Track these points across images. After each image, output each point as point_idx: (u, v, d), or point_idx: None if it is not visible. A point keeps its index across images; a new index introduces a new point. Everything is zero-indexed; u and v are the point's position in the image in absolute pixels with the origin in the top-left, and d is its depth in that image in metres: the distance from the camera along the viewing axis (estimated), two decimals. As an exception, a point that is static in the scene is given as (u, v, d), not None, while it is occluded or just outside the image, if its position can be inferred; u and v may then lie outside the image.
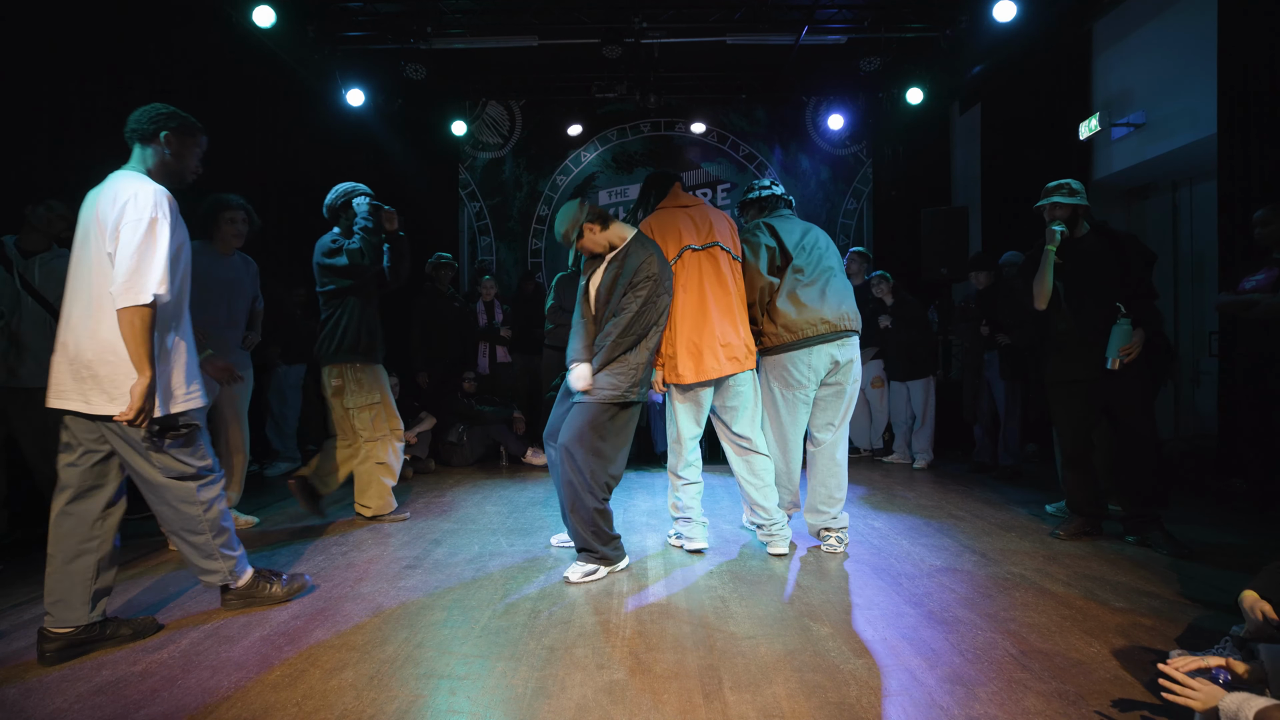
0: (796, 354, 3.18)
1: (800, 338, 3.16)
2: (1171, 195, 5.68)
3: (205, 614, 2.52)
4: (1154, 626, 2.33)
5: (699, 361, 3.01)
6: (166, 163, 2.36)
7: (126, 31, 4.38)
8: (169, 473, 2.29)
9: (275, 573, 2.68)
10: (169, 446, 2.26)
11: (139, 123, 2.32)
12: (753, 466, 3.19)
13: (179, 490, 2.32)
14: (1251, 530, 3.56)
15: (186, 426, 2.31)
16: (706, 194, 8.07)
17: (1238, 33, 4.23)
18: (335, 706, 1.86)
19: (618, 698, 1.89)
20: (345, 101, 6.61)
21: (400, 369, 5.67)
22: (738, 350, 3.08)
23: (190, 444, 2.33)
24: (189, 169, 2.44)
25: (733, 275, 3.16)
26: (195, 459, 2.34)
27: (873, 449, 5.95)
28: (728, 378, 3.10)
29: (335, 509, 4.17)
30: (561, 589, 2.76)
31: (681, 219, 3.14)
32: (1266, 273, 3.54)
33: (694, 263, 3.08)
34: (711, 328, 3.03)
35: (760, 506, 3.19)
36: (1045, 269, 3.32)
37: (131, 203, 2.14)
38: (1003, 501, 4.23)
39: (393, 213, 3.67)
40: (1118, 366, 3.15)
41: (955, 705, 1.84)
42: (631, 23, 6.09)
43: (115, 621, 2.32)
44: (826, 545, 3.25)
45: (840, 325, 3.19)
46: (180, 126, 2.36)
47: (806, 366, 3.19)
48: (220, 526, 2.43)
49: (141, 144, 2.34)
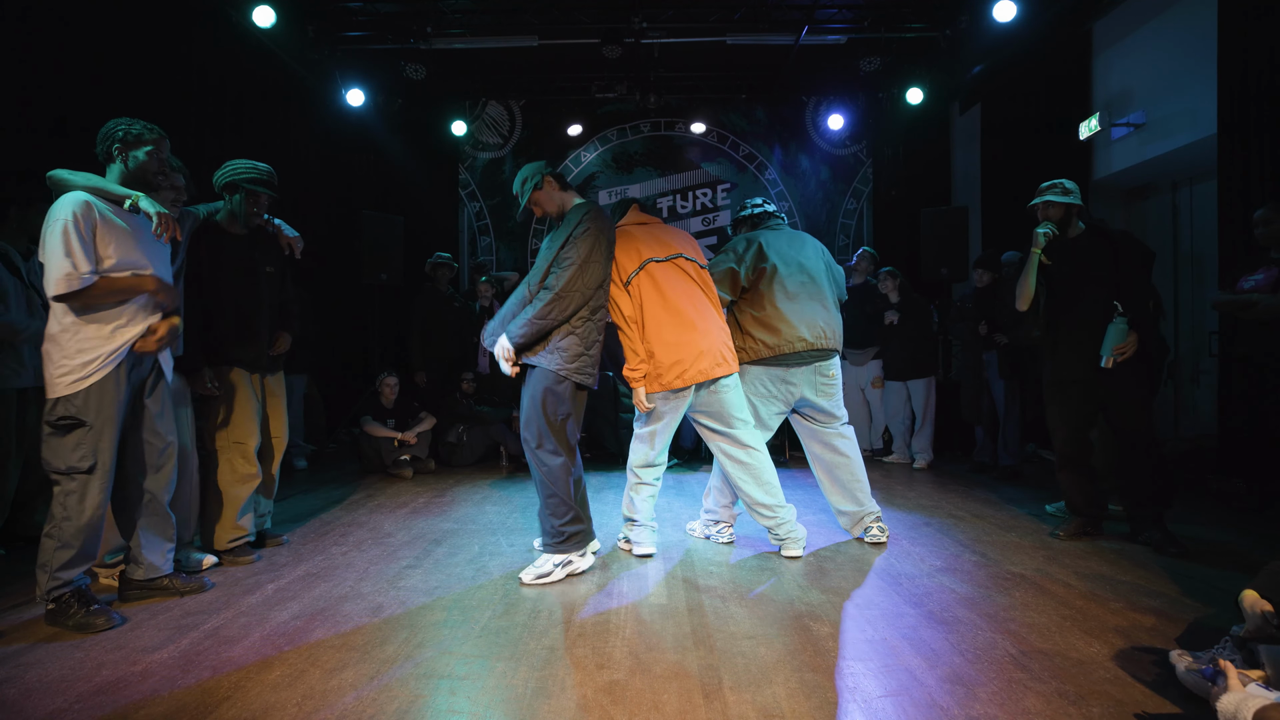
0: (773, 370, 3.26)
1: (777, 354, 3.21)
2: (1171, 195, 5.68)
3: (204, 614, 2.52)
4: (1154, 626, 2.33)
5: (683, 368, 2.99)
6: (130, 173, 2.54)
7: (126, 32, 4.38)
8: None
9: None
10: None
11: (98, 144, 2.54)
12: (748, 467, 3.15)
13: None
14: (1251, 530, 3.56)
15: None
16: (706, 194, 8.08)
17: (1238, 33, 4.24)
18: (335, 706, 1.86)
19: (618, 698, 1.89)
20: (345, 101, 6.62)
21: (400, 369, 5.67)
22: (721, 353, 3.06)
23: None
24: (150, 172, 2.58)
25: (704, 283, 3.16)
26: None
27: (873, 449, 5.95)
28: (713, 381, 3.08)
29: (336, 509, 4.17)
30: (562, 589, 2.76)
31: (639, 235, 3.13)
32: (1265, 272, 3.54)
33: (660, 273, 3.05)
34: (691, 333, 3.01)
35: (762, 505, 3.15)
36: (1029, 271, 3.36)
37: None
38: (1003, 501, 4.23)
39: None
40: (1112, 365, 3.15)
41: (955, 705, 1.84)
42: (631, 23, 6.10)
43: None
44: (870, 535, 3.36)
45: (819, 344, 3.22)
46: (124, 138, 2.52)
47: (781, 383, 3.26)
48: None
49: (106, 162, 2.55)
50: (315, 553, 3.28)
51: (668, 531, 3.59)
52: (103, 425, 2.39)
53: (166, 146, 2.63)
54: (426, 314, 5.88)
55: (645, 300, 3.03)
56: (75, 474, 2.37)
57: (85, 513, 2.38)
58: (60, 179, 2.44)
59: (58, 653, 2.21)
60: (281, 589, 2.77)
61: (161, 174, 2.64)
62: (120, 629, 2.39)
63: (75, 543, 2.38)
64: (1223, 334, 4.41)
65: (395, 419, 5.31)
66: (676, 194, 8.13)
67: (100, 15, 4.18)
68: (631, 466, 3.22)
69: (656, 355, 3.01)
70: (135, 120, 2.55)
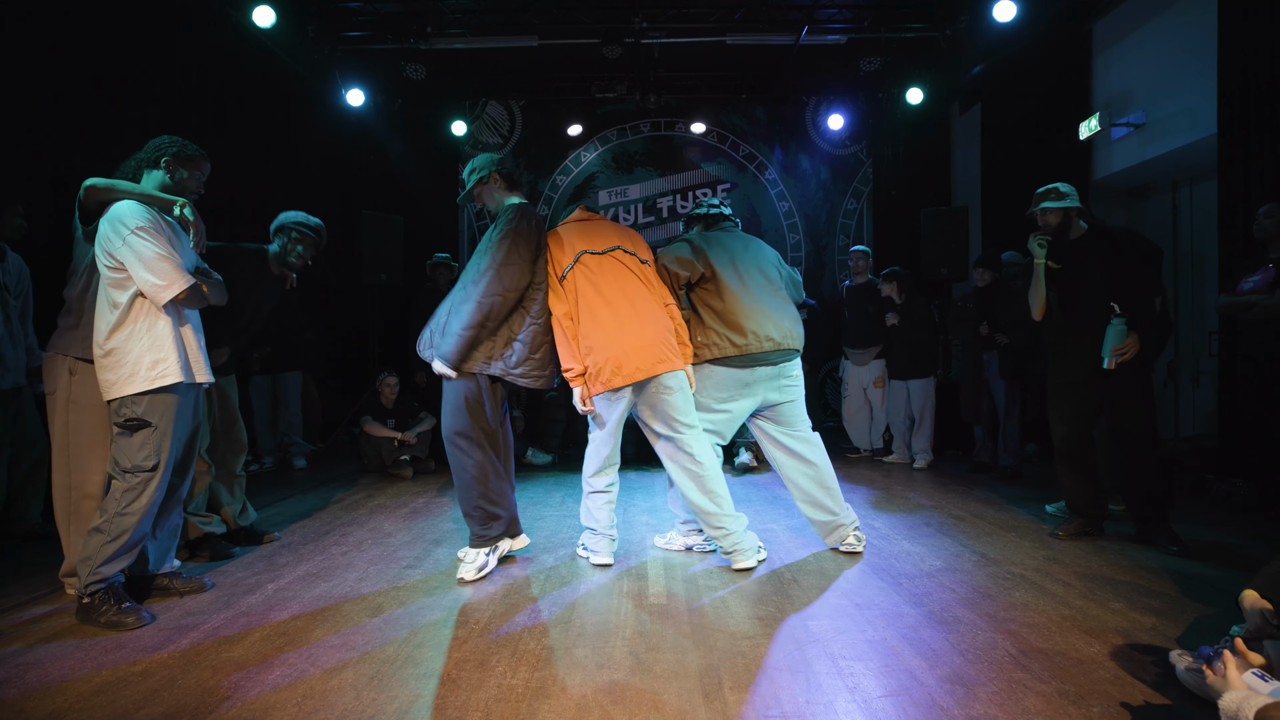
0: (735, 371, 3.08)
1: (744, 354, 3.04)
2: (1171, 195, 5.68)
3: (204, 614, 2.52)
4: (1154, 626, 2.33)
5: (620, 363, 2.84)
6: (171, 186, 2.64)
7: (126, 32, 4.38)
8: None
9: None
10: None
11: (147, 151, 2.64)
12: (694, 475, 2.94)
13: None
14: (1251, 530, 3.56)
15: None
16: (706, 194, 8.08)
17: (1238, 33, 4.23)
18: (335, 706, 1.86)
19: (618, 698, 1.89)
20: (345, 101, 6.62)
21: (400, 369, 5.67)
22: (663, 349, 2.90)
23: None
24: (189, 190, 2.69)
25: (645, 277, 3.02)
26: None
27: (873, 449, 5.94)
28: (656, 379, 2.91)
29: (336, 509, 4.17)
30: (562, 589, 2.76)
31: (575, 231, 3.04)
32: (1264, 273, 3.54)
33: (596, 265, 2.94)
34: (629, 326, 2.87)
35: (707, 514, 2.93)
36: (1037, 282, 3.38)
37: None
38: (1003, 501, 4.23)
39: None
40: (1114, 366, 3.15)
41: (955, 705, 1.84)
42: (631, 23, 6.10)
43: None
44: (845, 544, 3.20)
45: (785, 344, 3.08)
46: (179, 154, 2.65)
47: (741, 386, 3.08)
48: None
49: (148, 168, 2.64)
50: (315, 553, 3.28)
51: (668, 529, 3.59)
52: (166, 426, 2.47)
53: (208, 169, 2.77)
54: (426, 314, 5.87)
55: (580, 294, 2.91)
56: (139, 472, 2.44)
57: (141, 510, 2.44)
58: (105, 186, 2.49)
59: (58, 653, 2.21)
60: (281, 589, 2.78)
61: (199, 193, 2.75)
62: (120, 629, 2.39)
63: (124, 538, 2.43)
64: (1223, 334, 4.41)
65: (395, 419, 5.31)
66: (676, 194, 8.13)
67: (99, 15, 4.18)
68: (584, 476, 3.09)
69: (595, 351, 2.87)
70: (189, 141, 2.69)
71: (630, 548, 3.31)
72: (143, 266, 2.40)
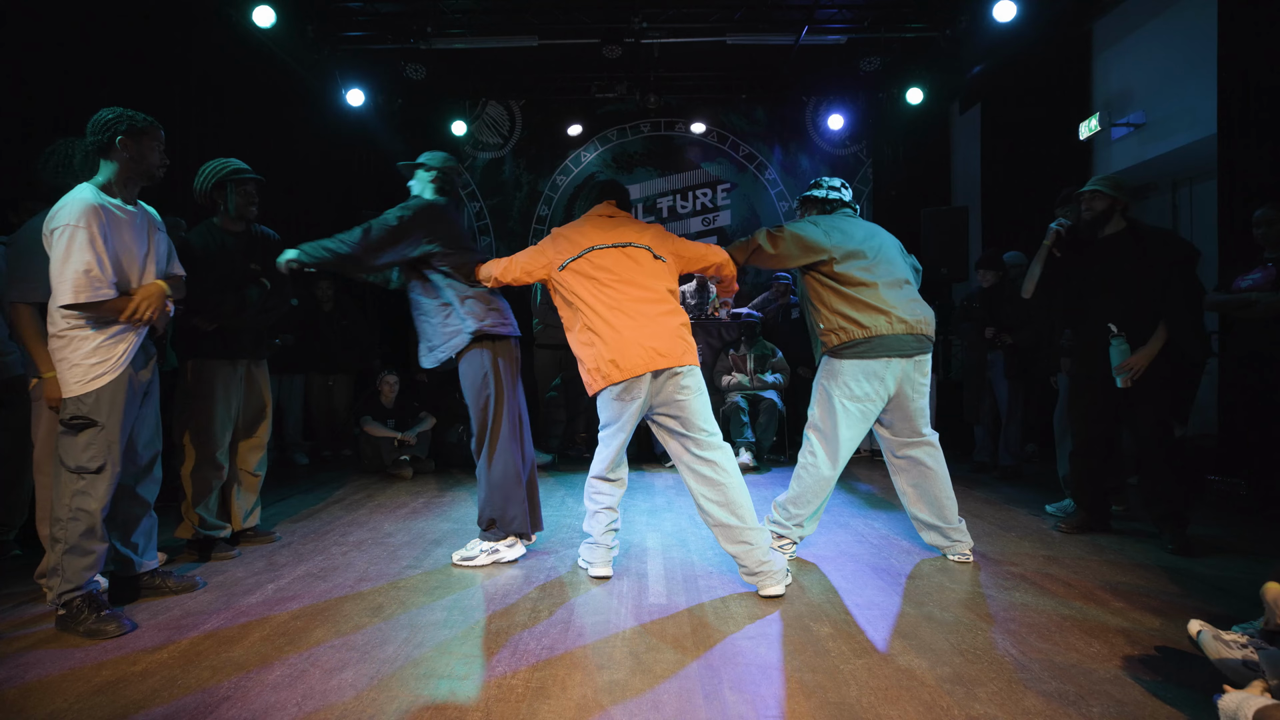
0: (860, 362, 2.89)
1: (876, 336, 2.85)
2: (1171, 195, 5.69)
3: (204, 614, 2.52)
4: (1154, 627, 2.33)
5: (618, 358, 2.70)
6: (129, 166, 2.44)
7: (126, 32, 4.38)
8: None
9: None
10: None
11: (92, 134, 2.39)
12: (714, 484, 2.71)
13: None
14: (1252, 530, 3.56)
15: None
16: (706, 194, 8.09)
17: (1238, 33, 4.23)
18: (335, 706, 1.85)
19: (618, 698, 1.89)
20: (345, 101, 6.62)
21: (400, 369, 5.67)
22: (669, 344, 2.73)
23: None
24: (153, 165, 2.50)
25: (656, 273, 2.86)
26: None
27: (873, 449, 5.94)
28: (666, 375, 2.74)
29: (336, 509, 4.17)
30: (562, 589, 2.76)
31: (592, 225, 2.95)
32: (1263, 271, 3.54)
33: (601, 260, 2.82)
34: (632, 323, 2.73)
35: (729, 529, 2.68)
36: (1037, 259, 3.43)
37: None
38: (1003, 501, 4.23)
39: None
40: (1129, 384, 3.16)
41: (955, 705, 1.84)
42: (631, 23, 6.10)
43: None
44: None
45: (918, 329, 2.90)
46: (130, 129, 2.41)
47: (873, 377, 2.89)
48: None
49: (103, 156, 2.42)
50: (315, 553, 3.28)
51: (668, 529, 3.59)
52: (113, 426, 2.37)
53: (163, 138, 2.56)
54: (426, 314, 5.87)
55: (581, 288, 2.81)
56: (84, 474, 2.34)
57: (93, 512, 2.35)
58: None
59: (58, 653, 2.21)
60: (281, 589, 2.77)
61: (165, 165, 2.55)
62: (100, 638, 2.32)
63: (83, 543, 2.35)
64: (1222, 334, 4.41)
65: (395, 419, 5.31)
66: (676, 194, 8.14)
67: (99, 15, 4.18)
68: (590, 475, 2.98)
69: (595, 345, 2.75)
70: (136, 111, 2.46)
71: (629, 548, 3.31)
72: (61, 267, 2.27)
